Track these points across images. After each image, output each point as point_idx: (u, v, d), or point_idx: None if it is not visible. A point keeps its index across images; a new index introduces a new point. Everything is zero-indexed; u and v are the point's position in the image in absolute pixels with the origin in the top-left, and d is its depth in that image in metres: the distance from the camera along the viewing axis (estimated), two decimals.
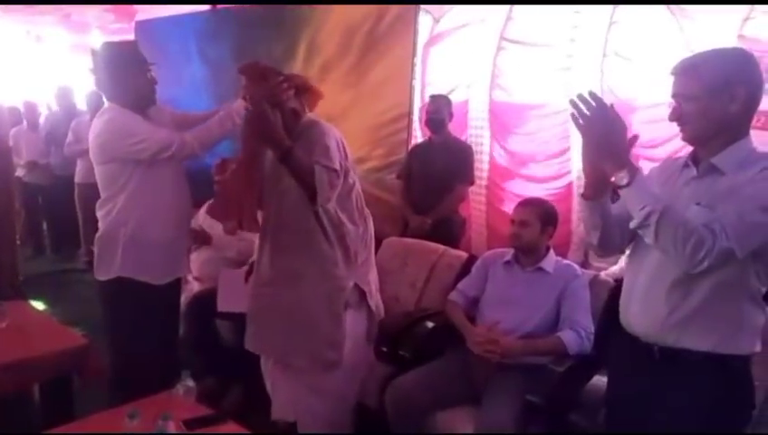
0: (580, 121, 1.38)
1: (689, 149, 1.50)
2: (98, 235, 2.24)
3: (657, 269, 1.43)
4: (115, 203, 2.18)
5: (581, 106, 1.38)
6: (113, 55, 2.16)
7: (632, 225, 1.36)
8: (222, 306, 2.78)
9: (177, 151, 2.14)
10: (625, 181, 1.34)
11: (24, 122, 5.51)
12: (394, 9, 3.57)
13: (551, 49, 3.33)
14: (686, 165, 1.48)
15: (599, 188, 1.47)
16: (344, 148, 2.14)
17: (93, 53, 2.19)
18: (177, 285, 2.41)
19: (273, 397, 2.27)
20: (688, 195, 1.42)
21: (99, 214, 2.23)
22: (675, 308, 1.39)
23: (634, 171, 1.34)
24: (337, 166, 2.05)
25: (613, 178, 1.37)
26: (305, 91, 2.18)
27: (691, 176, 1.45)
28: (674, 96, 1.43)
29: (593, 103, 1.36)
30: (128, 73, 2.13)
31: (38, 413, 2.55)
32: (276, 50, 4.10)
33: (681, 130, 1.44)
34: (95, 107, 5.11)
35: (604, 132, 1.36)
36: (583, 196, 1.52)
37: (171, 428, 1.66)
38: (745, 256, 1.29)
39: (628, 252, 1.62)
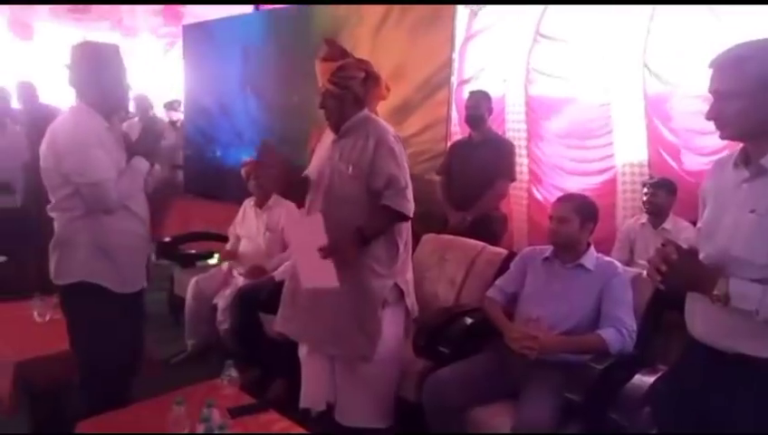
0: (658, 278, 1.32)
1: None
2: (55, 239, 2.08)
3: None
4: (73, 206, 2.03)
5: (657, 262, 1.31)
6: (97, 56, 2.07)
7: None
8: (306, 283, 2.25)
9: (102, 200, 1.99)
10: (722, 304, 1.29)
11: None
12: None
13: (589, 41, 3.27)
14: (735, 164, 1.38)
15: None
16: (402, 145, 2.19)
17: (74, 48, 2.07)
18: (139, 297, 2.27)
19: (304, 385, 2.33)
20: (742, 200, 1.33)
21: (54, 215, 2.09)
22: (742, 315, 1.30)
23: (725, 288, 1.27)
24: (406, 176, 2.12)
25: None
26: (373, 81, 2.20)
27: (742, 178, 1.35)
28: (712, 92, 1.33)
29: (673, 257, 1.29)
30: (107, 76, 2.06)
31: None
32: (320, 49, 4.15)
33: (718, 129, 1.35)
34: (143, 109, 5.31)
35: (687, 283, 1.34)
36: None
37: (216, 415, 1.74)
38: None
39: None
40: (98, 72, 2.04)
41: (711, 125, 1.77)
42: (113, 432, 1.80)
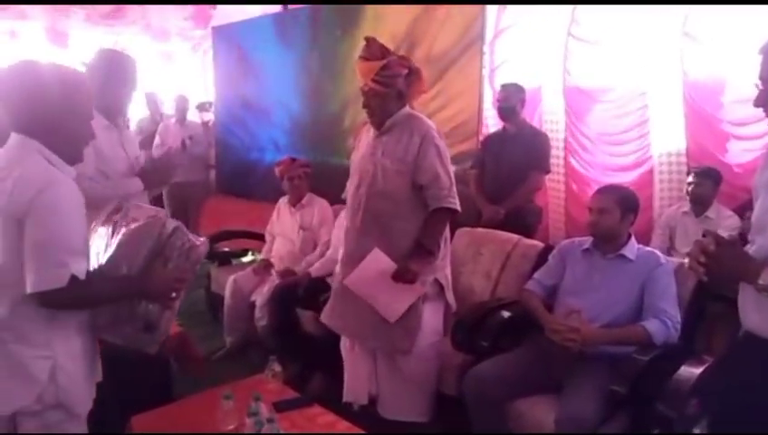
0: (701, 270, 1.29)
1: None
2: None
3: None
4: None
5: (697, 254, 1.28)
6: (102, 62, 2.19)
7: None
8: (396, 315, 2.24)
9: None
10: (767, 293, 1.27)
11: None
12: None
13: (624, 31, 3.21)
14: None
15: None
16: (445, 141, 2.21)
17: (90, 59, 2.21)
18: None
19: (346, 380, 2.35)
20: None
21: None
22: None
23: None
24: (450, 174, 2.16)
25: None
26: (415, 76, 2.22)
27: None
28: (760, 79, 1.32)
29: (711, 248, 1.27)
30: (108, 80, 2.15)
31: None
32: (352, 48, 4.15)
33: (767, 116, 1.34)
34: (181, 110, 5.41)
35: (730, 274, 1.31)
36: None
37: (263, 409, 1.77)
38: None
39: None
40: (101, 76, 2.12)
41: (752, 114, 1.68)
42: (166, 426, 1.85)
